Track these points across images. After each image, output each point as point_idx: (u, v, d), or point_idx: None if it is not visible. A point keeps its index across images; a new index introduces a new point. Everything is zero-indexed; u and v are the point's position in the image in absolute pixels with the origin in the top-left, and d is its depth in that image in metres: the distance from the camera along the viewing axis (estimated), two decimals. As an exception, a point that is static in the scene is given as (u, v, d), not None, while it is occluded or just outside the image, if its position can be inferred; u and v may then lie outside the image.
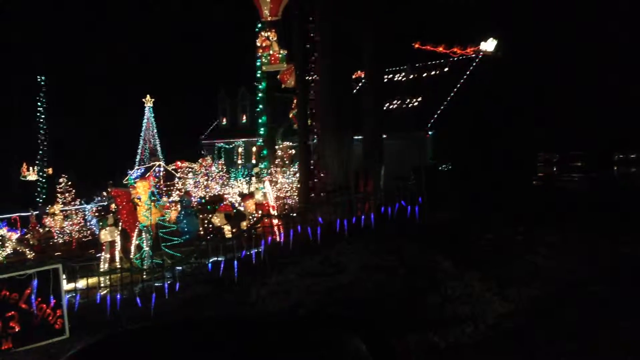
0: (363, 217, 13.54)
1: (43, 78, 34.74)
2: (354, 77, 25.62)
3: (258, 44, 18.95)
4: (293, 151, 20.17)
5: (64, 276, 9.75)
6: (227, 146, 39.75)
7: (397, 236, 12.88)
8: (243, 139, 38.46)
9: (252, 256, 12.33)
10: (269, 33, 18.34)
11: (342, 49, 16.69)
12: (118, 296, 10.35)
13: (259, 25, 22.12)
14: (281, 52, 18.38)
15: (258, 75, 23.24)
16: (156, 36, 42.40)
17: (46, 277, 9.27)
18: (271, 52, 18.35)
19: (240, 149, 39.03)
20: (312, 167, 17.63)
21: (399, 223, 13.83)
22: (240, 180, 24.10)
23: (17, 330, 8.98)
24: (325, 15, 16.60)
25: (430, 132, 30.45)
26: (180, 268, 12.32)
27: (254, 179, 24.34)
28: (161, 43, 42.79)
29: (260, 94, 23.31)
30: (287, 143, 20.98)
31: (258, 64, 23.04)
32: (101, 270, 13.39)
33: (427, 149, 29.97)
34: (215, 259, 12.25)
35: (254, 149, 36.59)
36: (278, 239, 13.80)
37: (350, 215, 13.65)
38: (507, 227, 13.26)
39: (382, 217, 13.83)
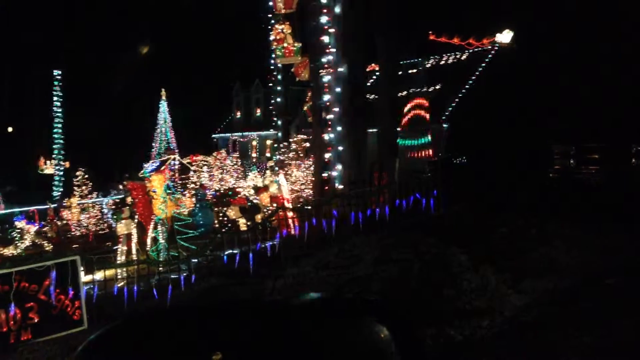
0: (378, 210, 13.51)
1: (59, 72, 34.98)
2: (368, 69, 25.56)
3: (272, 37, 18.90)
4: (307, 144, 20.15)
5: (82, 268, 9.85)
6: (241, 139, 39.87)
7: (411, 229, 12.87)
8: (257, 132, 38.59)
9: (267, 249, 12.39)
10: (283, 26, 18.27)
11: (357, 42, 16.65)
12: (135, 288, 10.45)
13: (270, 17, 22.11)
14: (295, 44, 18.30)
15: (272, 68, 23.25)
16: (170, 30, 42.47)
17: (65, 269, 9.40)
18: (285, 44, 18.28)
19: (254, 142, 39.16)
20: (326, 160, 17.61)
21: (414, 216, 13.80)
22: (254, 172, 24.19)
23: (36, 321, 9.11)
24: (341, 8, 16.55)
25: (445, 125, 30.35)
26: (195, 260, 12.41)
27: (268, 171, 24.41)
28: (176, 37, 42.84)
29: (274, 87, 23.30)
30: (302, 136, 20.96)
31: (272, 56, 23.04)
32: (118, 262, 13.54)
33: (441, 142, 29.90)
34: (231, 251, 12.32)
35: (268, 142, 36.75)
36: (293, 231, 13.84)
37: (365, 208, 13.63)
38: (522, 220, 13.18)
39: (396, 210, 13.80)
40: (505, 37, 31.55)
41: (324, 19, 16.21)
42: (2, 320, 8.82)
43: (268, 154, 34.51)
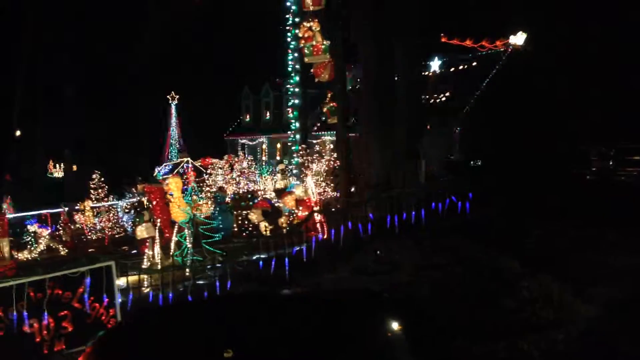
0: (414, 213, 13.05)
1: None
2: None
3: (300, 35, 18.33)
4: (331, 145, 19.66)
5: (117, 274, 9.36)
6: (250, 143, 39.41)
7: (449, 233, 12.43)
8: (267, 136, 38.11)
9: (302, 252, 11.90)
10: (311, 23, 17.73)
11: (385, 42, 16.23)
12: (170, 295, 9.97)
13: (289, 17, 21.66)
14: (324, 42, 17.76)
15: (290, 69, 22.77)
16: (179, 32, 42.05)
17: (99, 275, 8.90)
18: (314, 42, 17.75)
19: (264, 146, 38.67)
20: (352, 161, 17.14)
21: (449, 219, 13.37)
22: (264, 176, 23.74)
23: (70, 330, 8.58)
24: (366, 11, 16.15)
25: (458, 128, 29.99)
26: (229, 265, 11.91)
27: (279, 175, 23.90)
28: (185, 39, 42.44)
29: (292, 89, 22.78)
30: (327, 137, 20.51)
31: (290, 57, 22.57)
32: (143, 267, 13.07)
33: (456, 144, 29.54)
34: (265, 255, 11.83)
35: (279, 145, 36.26)
36: (325, 235, 13.36)
37: (399, 211, 13.16)
38: (561, 224, 12.75)
39: (432, 213, 13.36)
40: (519, 38, 31.14)
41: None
42: (35, 329, 8.32)
43: (279, 157, 34.05)
